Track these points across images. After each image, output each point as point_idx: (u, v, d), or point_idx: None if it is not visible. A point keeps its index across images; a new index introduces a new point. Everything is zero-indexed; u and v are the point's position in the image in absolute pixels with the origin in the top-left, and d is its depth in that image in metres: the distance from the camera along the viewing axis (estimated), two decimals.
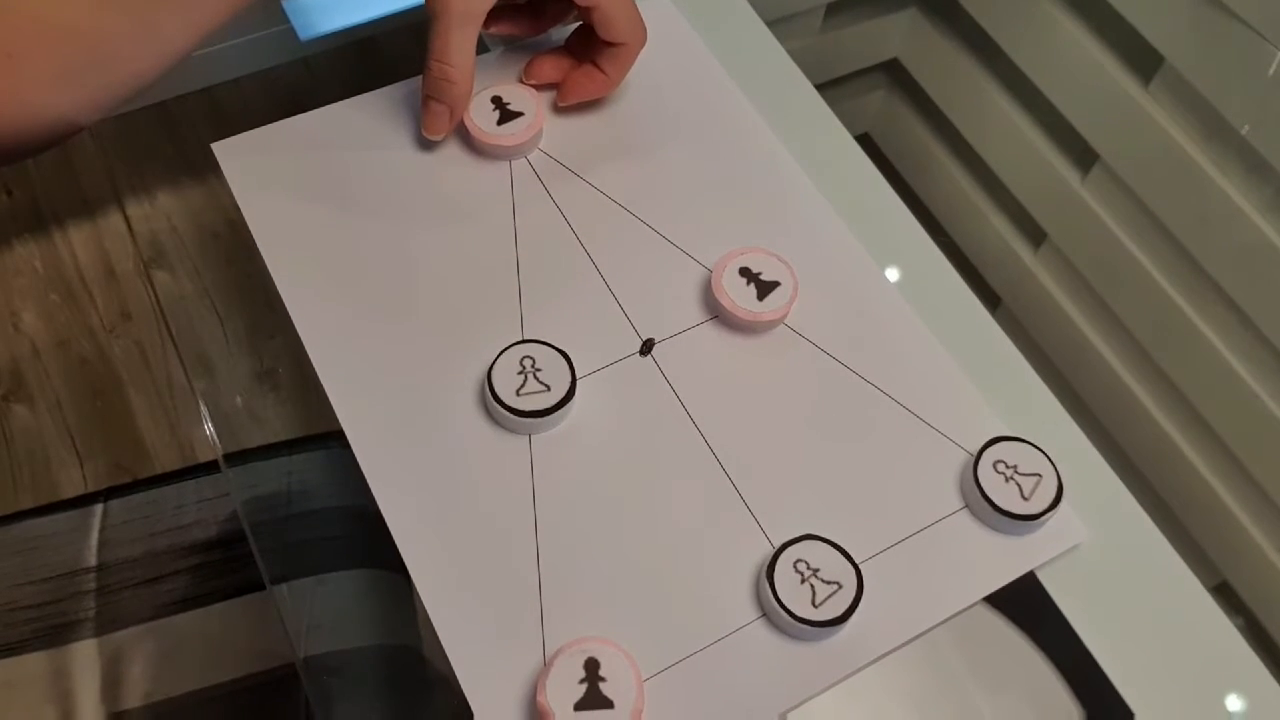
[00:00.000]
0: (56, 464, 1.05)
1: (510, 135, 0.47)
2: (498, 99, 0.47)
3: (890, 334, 0.45)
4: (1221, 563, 0.75)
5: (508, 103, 0.47)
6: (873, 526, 0.40)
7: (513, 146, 0.47)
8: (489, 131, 0.47)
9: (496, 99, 0.47)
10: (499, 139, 0.46)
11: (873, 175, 0.51)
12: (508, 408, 0.40)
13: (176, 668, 0.64)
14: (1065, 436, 0.44)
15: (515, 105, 0.47)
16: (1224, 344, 0.70)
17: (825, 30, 0.89)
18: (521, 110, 0.47)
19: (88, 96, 0.39)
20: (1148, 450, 0.79)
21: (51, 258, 1.17)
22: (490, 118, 0.47)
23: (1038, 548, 0.40)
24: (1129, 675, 0.39)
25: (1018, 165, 0.85)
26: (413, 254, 0.45)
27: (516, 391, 0.41)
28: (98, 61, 0.39)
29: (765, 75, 0.53)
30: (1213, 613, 0.41)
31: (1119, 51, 0.72)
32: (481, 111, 0.47)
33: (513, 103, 0.47)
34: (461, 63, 0.44)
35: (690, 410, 0.42)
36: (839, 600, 0.37)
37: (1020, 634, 0.40)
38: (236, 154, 0.47)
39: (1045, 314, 0.85)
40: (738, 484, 0.41)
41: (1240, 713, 0.39)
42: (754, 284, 0.44)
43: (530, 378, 0.41)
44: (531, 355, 0.42)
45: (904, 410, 0.43)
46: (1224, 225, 0.67)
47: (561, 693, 0.35)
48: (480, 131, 0.47)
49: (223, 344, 0.71)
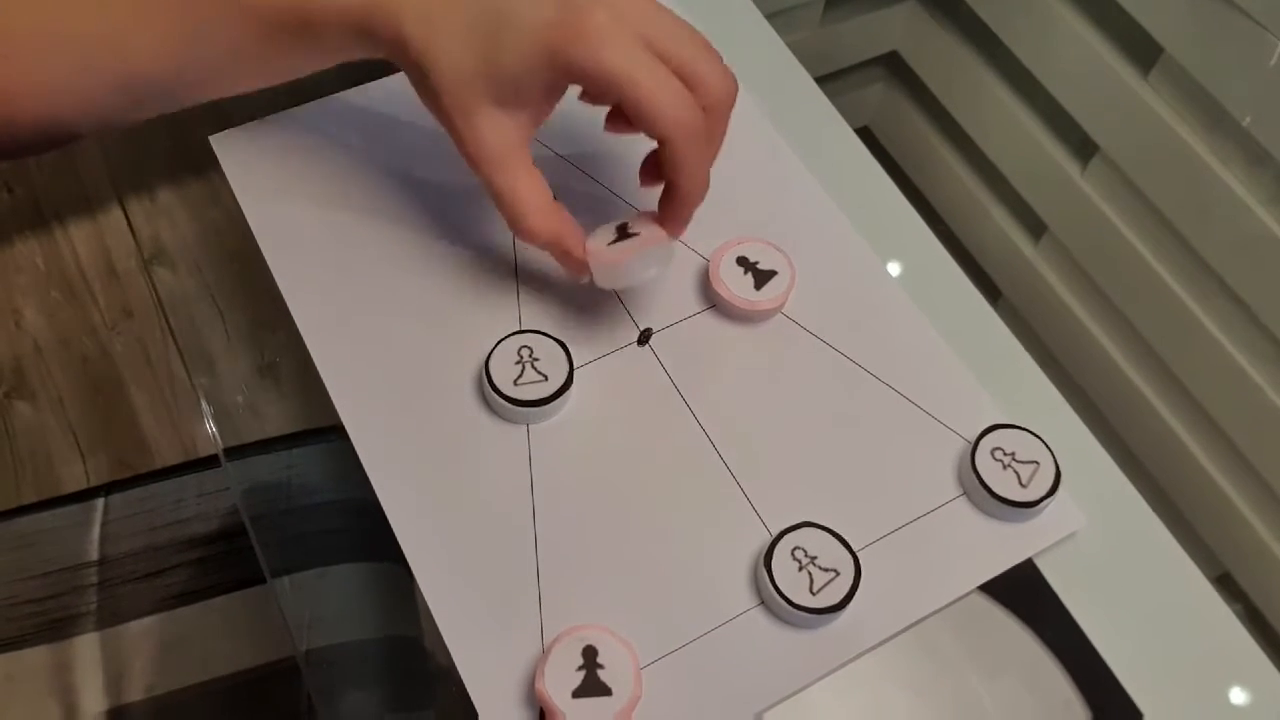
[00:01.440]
0: (59, 461, 1.05)
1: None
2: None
3: (888, 322, 0.45)
4: (1223, 554, 0.75)
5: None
6: (870, 514, 0.40)
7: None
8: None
9: None
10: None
11: (873, 168, 0.51)
12: (506, 397, 0.40)
13: (178, 661, 0.64)
14: (1066, 427, 0.44)
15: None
16: (1224, 335, 0.70)
17: (825, 23, 0.89)
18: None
19: (81, 105, 0.39)
20: (1149, 442, 0.78)
21: (53, 255, 1.17)
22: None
23: (1036, 534, 0.40)
24: (1128, 662, 0.39)
25: (1018, 157, 0.85)
26: (411, 245, 0.45)
27: (514, 381, 0.41)
28: (90, 71, 0.39)
29: (765, 68, 0.53)
30: (1211, 599, 0.41)
31: (1118, 42, 0.71)
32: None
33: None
34: (530, 208, 0.38)
35: (688, 399, 0.42)
36: (836, 587, 0.37)
37: (1018, 622, 0.40)
38: (234, 147, 0.47)
39: (1046, 306, 0.85)
40: (735, 472, 0.41)
41: (1241, 701, 0.39)
42: (751, 273, 0.44)
43: (528, 367, 0.41)
44: (529, 345, 0.42)
45: (901, 398, 0.43)
46: (1224, 216, 0.66)
47: (560, 681, 0.35)
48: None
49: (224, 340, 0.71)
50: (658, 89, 0.35)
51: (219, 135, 0.47)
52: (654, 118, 0.35)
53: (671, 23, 0.37)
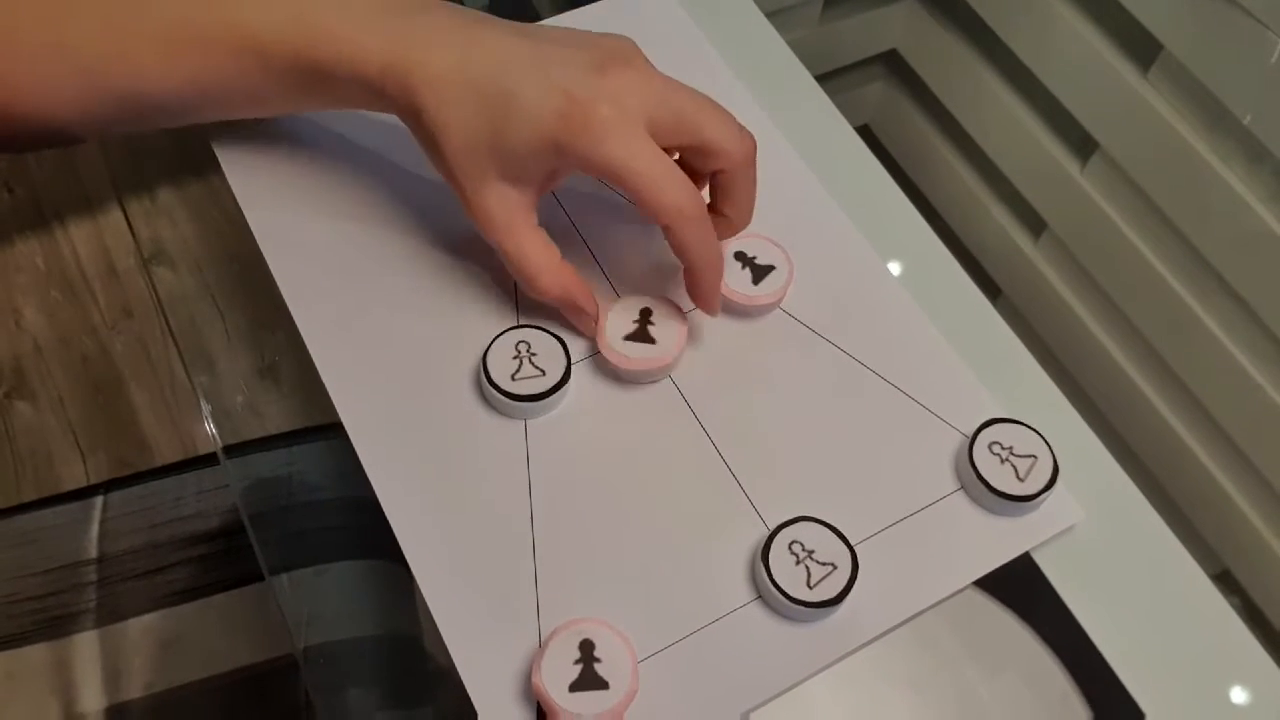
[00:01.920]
0: (59, 460, 1.05)
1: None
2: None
3: (885, 317, 0.45)
4: (1223, 551, 0.75)
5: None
6: (868, 508, 0.40)
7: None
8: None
9: None
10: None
11: (873, 166, 0.51)
12: (503, 392, 0.40)
13: (177, 658, 0.64)
14: (1065, 423, 0.44)
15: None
16: (1225, 333, 0.70)
17: (823, 21, 0.89)
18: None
19: (82, 113, 0.40)
20: (1148, 438, 0.78)
21: (53, 254, 1.17)
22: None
23: (1033, 528, 0.40)
24: (1127, 658, 0.39)
25: (1017, 155, 0.85)
26: (409, 244, 0.45)
27: (512, 376, 0.41)
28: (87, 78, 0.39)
29: (764, 66, 0.53)
30: (1210, 594, 0.41)
31: (1118, 40, 0.71)
32: None
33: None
34: (537, 269, 0.40)
35: (685, 394, 0.42)
36: (834, 581, 0.37)
37: (1015, 617, 0.40)
38: (235, 149, 0.47)
39: (1045, 304, 0.85)
40: (732, 466, 0.41)
41: (1241, 699, 0.39)
42: (749, 268, 0.44)
43: (525, 362, 0.41)
44: (527, 340, 0.42)
45: (899, 393, 0.43)
46: (1225, 214, 0.66)
47: (556, 674, 0.35)
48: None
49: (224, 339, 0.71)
50: (656, 179, 0.36)
51: (219, 136, 0.47)
52: (654, 208, 0.37)
53: (677, 102, 0.38)
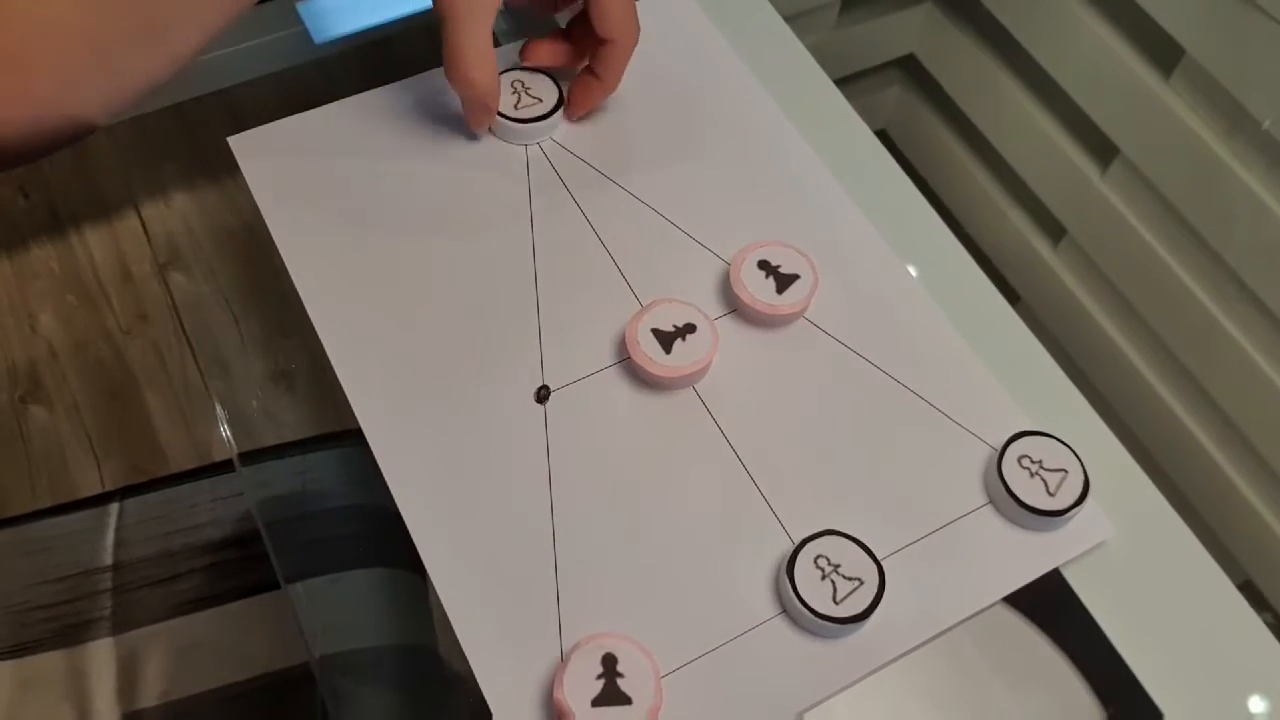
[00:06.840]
0: (74, 465, 1.05)
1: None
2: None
3: (912, 327, 0.44)
4: (1246, 561, 0.74)
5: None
6: (895, 522, 0.40)
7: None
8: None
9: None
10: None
11: (893, 170, 0.51)
12: (511, 119, 0.46)
13: (192, 667, 0.64)
14: (1090, 432, 0.43)
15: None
16: (1247, 340, 0.69)
17: (840, 26, 0.88)
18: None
19: (96, 96, 0.39)
20: (1170, 447, 0.78)
21: (68, 260, 1.18)
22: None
23: (1063, 544, 0.40)
24: (1156, 674, 0.38)
25: (1036, 160, 0.84)
26: (429, 246, 0.45)
27: (514, 107, 0.47)
28: (103, 61, 0.38)
29: (784, 70, 0.53)
30: (1242, 610, 0.40)
31: (1139, 44, 0.71)
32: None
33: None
34: (478, 60, 0.44)
35: (709, 404, 0.42)
36: (860, 597, 0.37)
37: (1044, 636, 0.39)
38: (253, 148, 0.47)
39: (1065, 310, 0.84)
40: (757, 479, 0.40)
41: (1270, 713, 0.38)
42: (773, 277, 0.43)
43: (523, 95, 0.48)
44: (521, 79, 0.48)
45: (926, 404, 0.42)
46: (1246, 220, 0.66)
47: (579, 689, 0.35)
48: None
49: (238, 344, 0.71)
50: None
51: (237, 136, 0.47)
52: (608, 22, 0.44)
53: None
